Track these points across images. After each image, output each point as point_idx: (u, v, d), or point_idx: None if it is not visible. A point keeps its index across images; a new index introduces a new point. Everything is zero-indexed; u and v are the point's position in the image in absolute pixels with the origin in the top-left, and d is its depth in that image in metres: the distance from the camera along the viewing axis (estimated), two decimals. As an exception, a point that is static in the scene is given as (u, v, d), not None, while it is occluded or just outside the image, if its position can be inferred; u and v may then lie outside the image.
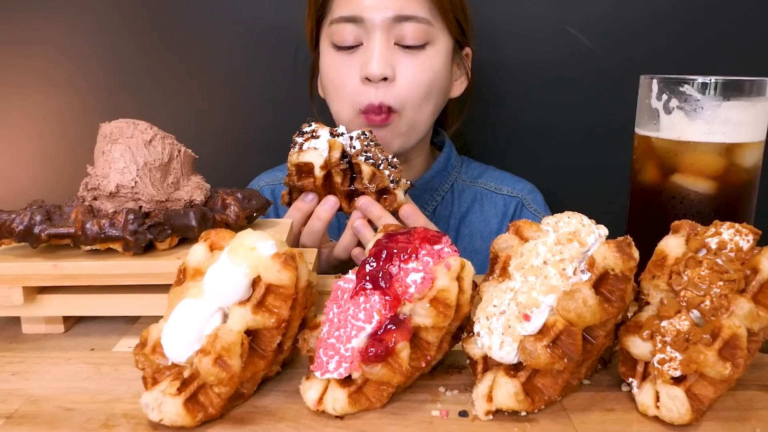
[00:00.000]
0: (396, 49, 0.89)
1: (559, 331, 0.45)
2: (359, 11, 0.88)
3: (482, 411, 0.46)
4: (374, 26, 0.88)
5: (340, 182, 0.74)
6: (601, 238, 0.48)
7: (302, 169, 0.75)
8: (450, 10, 0.92)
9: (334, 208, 0.76)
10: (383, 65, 0.87)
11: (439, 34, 0.91)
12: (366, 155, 0.74)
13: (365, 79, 0.88)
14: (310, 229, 0.77)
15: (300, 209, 0.77)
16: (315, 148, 0.73)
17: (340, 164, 0.73)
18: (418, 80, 0.90)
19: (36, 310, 0.60)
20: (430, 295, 0.47)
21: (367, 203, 0.75)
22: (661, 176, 0.64)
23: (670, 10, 1.11)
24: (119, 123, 0.63)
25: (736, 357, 0.44)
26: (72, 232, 0.58)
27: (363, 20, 0.88)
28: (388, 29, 0.88)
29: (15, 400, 0.49)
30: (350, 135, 0.75)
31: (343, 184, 0.74)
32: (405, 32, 0.88)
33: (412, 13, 0.88)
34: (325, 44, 0.94)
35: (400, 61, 0.89)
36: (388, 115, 0.90)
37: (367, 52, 0.89)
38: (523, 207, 1.03)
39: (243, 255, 0.47)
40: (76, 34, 1.14)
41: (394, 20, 0.88)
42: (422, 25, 0.89)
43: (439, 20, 0.91)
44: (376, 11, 0.87)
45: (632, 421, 0.47)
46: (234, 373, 0.45)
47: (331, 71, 0.93)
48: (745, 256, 0.47)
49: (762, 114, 0.62)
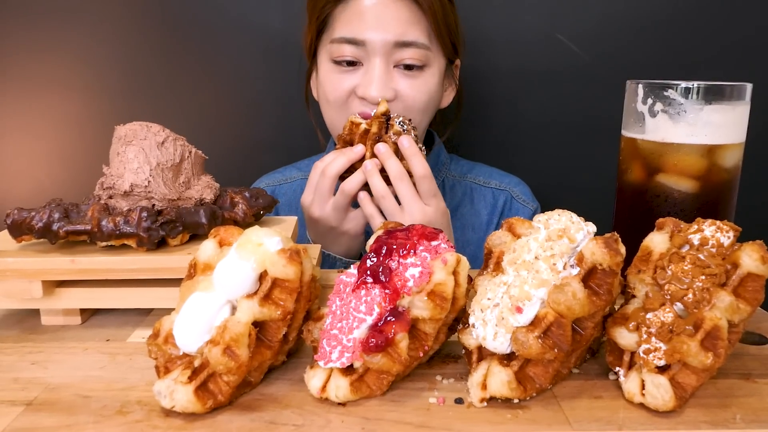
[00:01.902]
0: (395, 71, 0.89)
1: (549, 322, 0.46)
2: (361, 34, 0.87)
3: (477, 398, 0.47)
4: (375, 50, 0.87)
5: (374, 132, 0.82)
6: (589, 235, 0.49)
7: (353, 128, 0.83)
8: (446, 34, 0.91)
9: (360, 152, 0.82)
10: (382, 89, 0.87)
11: (435, 57, 0.91)
12: (401, 123, 0.83)
13: (362, 98, 0.88)
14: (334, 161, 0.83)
15: (345, 154, 0.82)
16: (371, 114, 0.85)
17: (381, 118, 0.82)
18: (416, 100, 0.90)
19: (54, 302, 0.61)
20: (427, 289, 0.48)
21: (382, 146, 0.81)
22: (646, 176, 0.64)
23: (655, 18, 1.12)
24: (133, 125, 0.63)
25: (717, 347, 0.44)
26: (89, 229, 0.59)
27: (364, 43, 0.87)
28: (388, 53, 0.87)
29: (34, 388, 0.50)
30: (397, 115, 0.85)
31: (375, 134, 0.82)
32: (404, 56, 0.88)
33: (412, 39, 0.87)
34: (324, 58, 0.92)
35: (399, 82, 0.89)
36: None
37: (367, 75, 0.88)
38: (513, 199, 1.04)
39: (250, 250, 0.48)
40: (93, 41, 1.14)
41: (395, 45, 0.87)
42: (421, 50, 0.88)
43: (436, 44, 0.91)
44: (377, 35, 0.86)
45: (619, 407, 0.47)
46: (242, 363, 0.46)
47: (329, 85, 0.92)
48: (726, 252, 0.47)
49: (742, 117, 0.62)
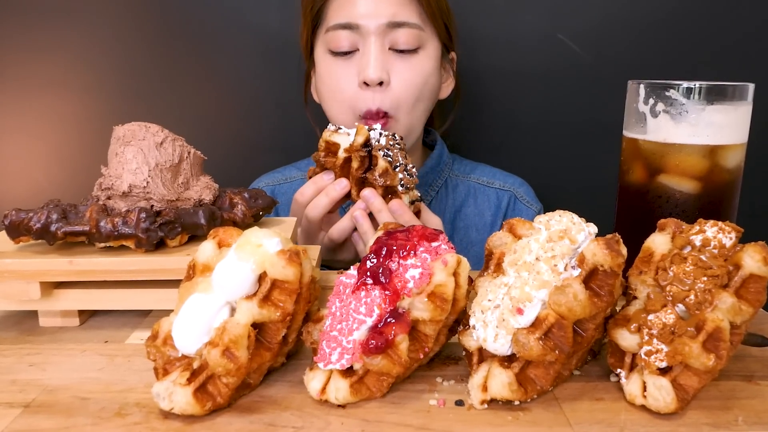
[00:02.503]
0: (390, 53, 0.91)
1: (550, 324, 0.46)
2: (354, 18, 0.89)
3: (477, 400, 0.47)
4: (369, 32, 0.89)
5: (355, 168, 0.76)
6: (590, 236, 0.49)
7: (330, 147, 0.78)
8: (439, 16, 0.93)
9: (344, 189, 0.78)
10: (379, 69, 0.89)
11: (429, 39, 0.93)
12: (386, 152, 0.76)
13: (363, 83, 0.90)
14: (316, 203, 0.79)
15: (315, 183, 0.79)
16: (347, 134, 0.77)
17: (361, 151, 0.76)
18: (411, 83, 0.91)
19: (52, 304, 0.61)
20: (427, 290, 0.47)
21: (370, 194, 0.76)
22: (647, 177, 0.64)
23: (656, 18, 1.11)
24: (132, 126, 0.63)
25: (719, 349, 0.44)
26: (87, 230, 0.59)
27: (358, 27, 0.89)
28: (382, 35, 0.89)
29: (32, 390, 0.50)
30: (382, 132, 0.77)
31: (357, 170, 0.76)
32: (398, 37, 0.90)
33: (404, 19, 0.90)
34: (321, 51, 0.94)
35: (395, 65, 0.91)
36: (386, 121, 0.91)
37: (364, 58, 0.90)
38: (516, 200, 1.04)
39: (250, 251, 0.47)
40: (92, 42, 1.14)
41: (388, 26, 0.89)
42: (414, 30, 0.90)
43: (429, 26, 0.93)
44: (370, 18, 0.89)
45: (620, 409, 0.47)
46: (241, 364, 0.46)
47: (328, 77, 0.93)
48: (727, 253, 0.47)
49: (744, 117, 0.62)
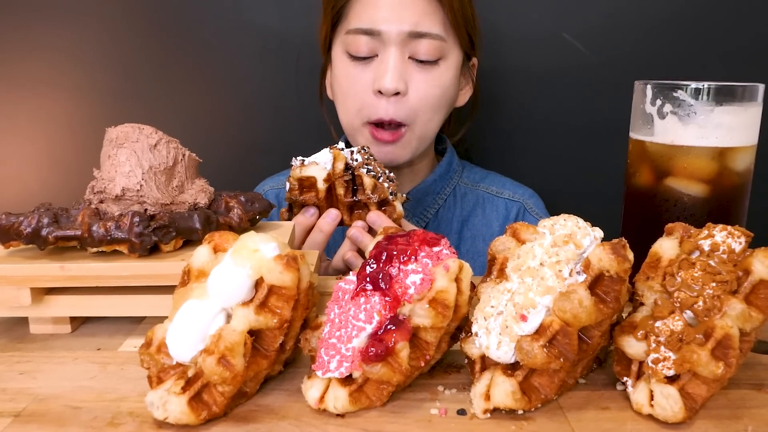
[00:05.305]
0: (409, 62, 0.89)
1: (555, 331, 0.45)
2: (376, 24, 0.88)
3: (480, 409, 0.47)
4: (390, 40, 0.87)
5: (343, 194, 0.75)
6: (596, 240, 0.48)
7: (304, 183, 0.75)
8: (463, 25, 0.91)
9: (335, 220, 0.76)
10: (397, 80, 0.87)
11: (451, 49, 0.91)
12: (367, 168, 0.74)
13: (377, 91, 0.88)
14: (312, 242, 0.76)
15: (301, 224, 0.76)
16: (316, 163, 0.74)
17: (344, 176, 0.74)
18: (429, 94, 0.90)
19: (43, 310, 0.60)
20: (429, 296, 0.47)
21: (375, 216, 0.75)
22: (655, 179, 0.64)
23: (663, 17, 1.11)
24: (125, 127, 0.63)
25: (728, 356, 0.44)
26: (79, 235, 0.58)
27: (380, 33, 0.88)
28: (403, 44, 0.88)
29: (23, 399, 0.49)
30: (350, 149, 0.76)
31: (345, 196, 0.75)
32: (419, 48, 0.88)
33: (427, 29, 0.88)
34: (339, 51, 0.93)
35: (413, 75, 0.89)
36: (398, 131, 0.89)
37: (382, 65, 0.88)
38: (526, 211, 1.03)
39: (246, 257, 0.47)
40: (84, 40, 1.14)
41: (410, 35, 0.87)
42: (436, 41, 0.88)
43: (452, 35, 0.91)
44: (392, 25, 0.87)
45: (627, 419, 0.47)
46: (237, 373, 0.45)
47: (344, 79, 0.92)
48: (737, 258, 0.47)
49: (753, 118, 0.62)
